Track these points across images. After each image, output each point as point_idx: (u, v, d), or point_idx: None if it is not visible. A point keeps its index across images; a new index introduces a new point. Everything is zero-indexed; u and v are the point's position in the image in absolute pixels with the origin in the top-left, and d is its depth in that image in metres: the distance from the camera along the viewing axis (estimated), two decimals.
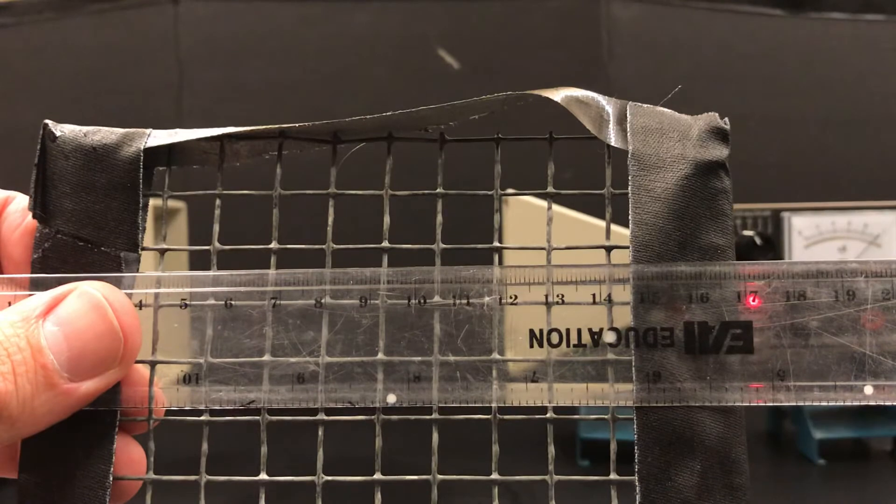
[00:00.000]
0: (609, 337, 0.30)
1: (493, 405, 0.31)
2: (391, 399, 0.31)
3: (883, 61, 1.12)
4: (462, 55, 1.04)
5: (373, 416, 0.31)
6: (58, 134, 0.33)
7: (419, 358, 0.31)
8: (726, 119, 0.33)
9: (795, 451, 0.77)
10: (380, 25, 1.04)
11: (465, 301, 0.31)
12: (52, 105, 1.07)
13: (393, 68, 1.04)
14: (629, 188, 0.31)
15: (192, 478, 0.32)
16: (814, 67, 1.11)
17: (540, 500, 0.65)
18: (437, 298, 0.31)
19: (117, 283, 0.31)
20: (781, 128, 1.09)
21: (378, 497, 0.31)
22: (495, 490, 0.31)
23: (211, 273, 0.32)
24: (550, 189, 0.35)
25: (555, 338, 0.30)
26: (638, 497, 0.29)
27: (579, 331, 0.30)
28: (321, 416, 0.31)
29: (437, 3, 1.04)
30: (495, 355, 0.31)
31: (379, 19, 1.04)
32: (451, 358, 0.31)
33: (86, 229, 0.32)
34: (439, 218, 0.35)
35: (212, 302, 0.32)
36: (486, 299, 0.31)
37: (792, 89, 1.10)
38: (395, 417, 0.31)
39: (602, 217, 0.33)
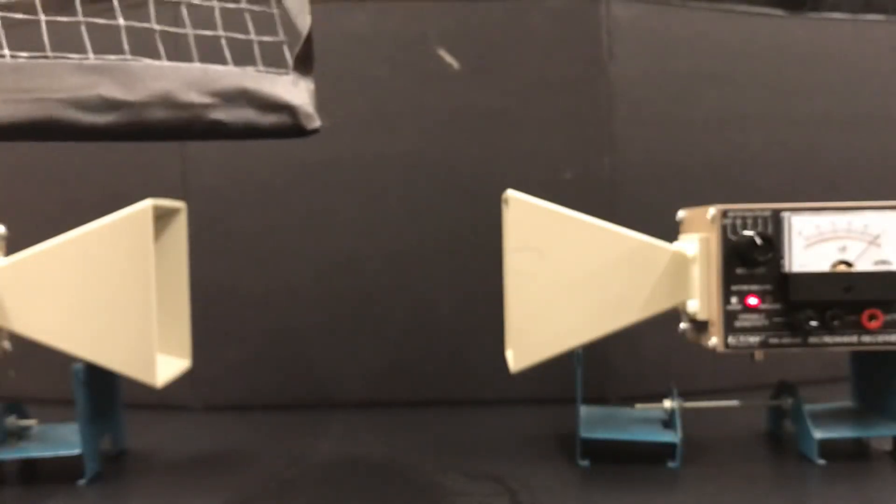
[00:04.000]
0: None
1: None
2: None
3: (883, 61, 1.13)
4: (462, 55, 1.04)
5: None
6: None
7: None
8: None
9: (796, 452, 0.77)
10: (380, 25, 1.04)
11: None
12: None
13: (393, 68, 1.04)
14: None
15: None
16: (814, 67, 1.11)
17: (538, 499, 0.65)
18: None
19: None
20: (781, 128, 1.09)
21: None
22: None
23: None
24: None
25: None
26: None
27: None
28: None
29: (437, 3, 1.04)
30: None
31: (379, 19, 1.04)
32: None
33: None
34: None
35: None
36: None
37: (792, 89, 1.10)
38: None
39: (602, 217, 0.33)
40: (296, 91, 0.54)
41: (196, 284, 0.82)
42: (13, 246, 0.77)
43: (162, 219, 0.79)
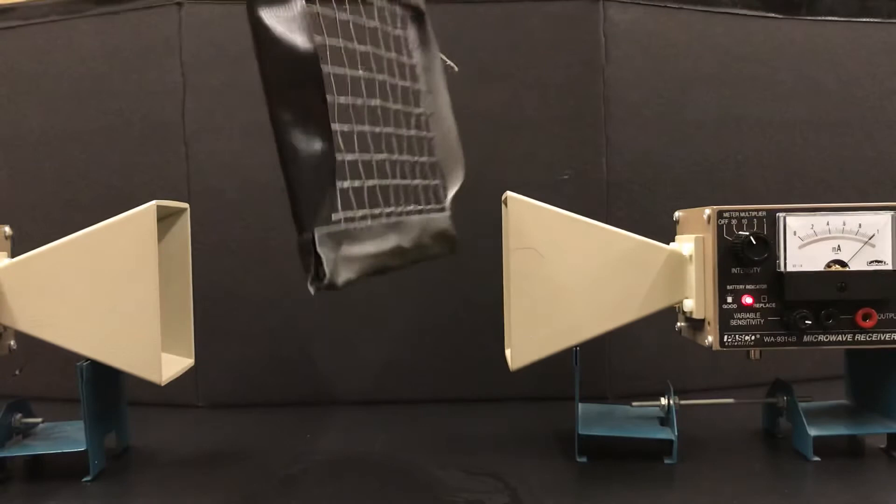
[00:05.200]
0: None
1: None
2: None
3: (878, 64, 1.13)
4: (461, 58, 1.05)
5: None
6: None
7: None
8: None
9: (791, 449, 0.78)
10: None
11: None
12: (56, 107, 1.07)
13: None
14: None
15: None
16: (809, 70, 1.12)
17: (538, 497, 0.66)
18: None
19: None
20: (777, 129, 1.10)
21: None
22: None
23: None
24: None
25: None
26: None
27: None
28: None
29: (436, 5, 1.05)
30: None
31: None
32: None
33: None
34: None
35: None
36: None
37: (787, 91, 1.11)
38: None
39: (599, 218, 0.34)
40: (452, 225, 0.73)
41: (199, 284, 0.83)
42: (19, 246, 0.78)
43: (166, 219, 0.80)
